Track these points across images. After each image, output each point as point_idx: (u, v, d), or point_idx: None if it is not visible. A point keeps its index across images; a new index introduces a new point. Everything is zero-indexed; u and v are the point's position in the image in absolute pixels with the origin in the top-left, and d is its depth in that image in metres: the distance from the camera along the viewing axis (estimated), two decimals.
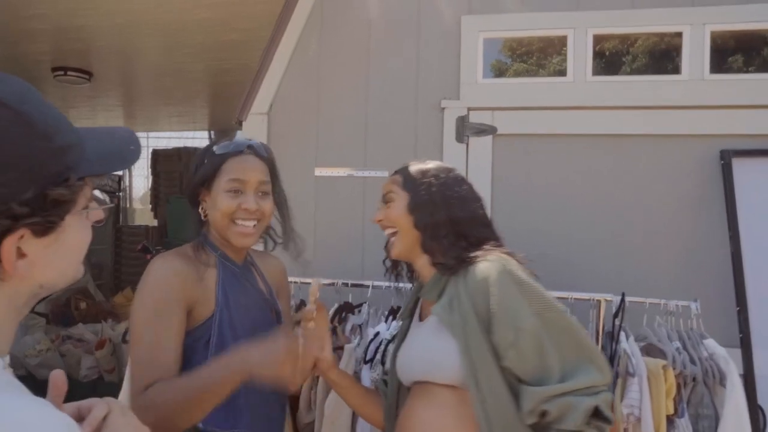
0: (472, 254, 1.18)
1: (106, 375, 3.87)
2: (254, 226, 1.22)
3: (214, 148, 1.23)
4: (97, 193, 0.68)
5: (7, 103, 0.57)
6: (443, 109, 2.37)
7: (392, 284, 1.96)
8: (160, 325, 1.08)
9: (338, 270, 2.23)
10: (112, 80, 5.04)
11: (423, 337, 1.23)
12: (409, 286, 1.99)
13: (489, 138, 2.34)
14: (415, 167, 1.30)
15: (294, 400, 1.78)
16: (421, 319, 1.30)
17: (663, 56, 2.45)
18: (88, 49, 4.21)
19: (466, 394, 1.11)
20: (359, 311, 1.97)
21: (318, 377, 1.75)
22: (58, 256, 0.63)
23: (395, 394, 1.32)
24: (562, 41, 2.37)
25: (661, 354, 1.64)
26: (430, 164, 1.31)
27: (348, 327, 1.86)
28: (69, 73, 4.42)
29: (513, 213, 2.28)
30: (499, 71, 2.96)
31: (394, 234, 1.28)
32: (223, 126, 7.20)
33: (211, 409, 1.04)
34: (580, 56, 2.29)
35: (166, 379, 1.05)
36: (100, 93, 5.30)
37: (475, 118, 2.35)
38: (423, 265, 1.26)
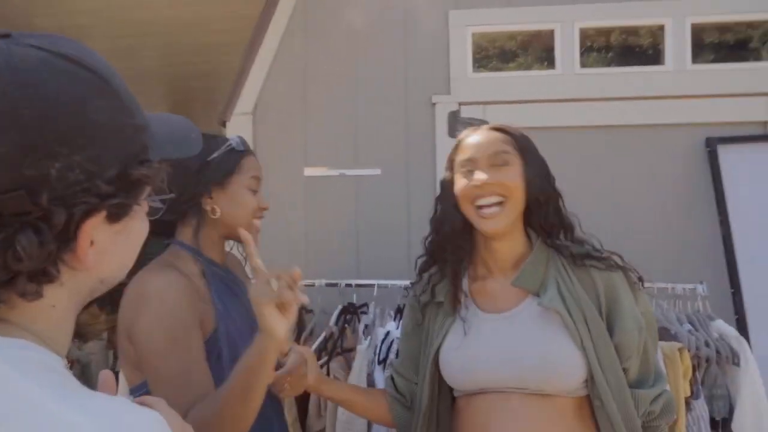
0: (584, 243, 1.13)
1: None
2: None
3: (232, 144, 1.16)
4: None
5: (97, 71, 0.51)
6: (434, 104, 2.35)
7: (399, 282, 1.92)
8: (183, 347, 1.00)
9: (332, 270, 2.17)
10: None
11: (525, 334, 1.06)
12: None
13: None
14: (513, 127, 1.14)
15: (303, 405, 1.70)
16: (481, 308, 1.13)
17: (648, 48, 2.52)
18: None
19: (569, 402, 1.03)
20: (363, 312, 1.91)
21: None
22: (124, 246, 0.57)
23: (433, 402, 1.15)
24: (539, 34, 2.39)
25: (672, 337, 1.66)
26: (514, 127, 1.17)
27: (361, 327, 1.79)
28: None
29: None
30: (476, 66, 2.98)
31: (499, 204, 1.08)
32: None
33: (256, 409, 0.93)
34: (567, 49, 2.31)
35: (202, 399, 0.96)
36: None
37: (466, 112, 2.33)
38: (510, 245, 1.11)
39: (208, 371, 1.00)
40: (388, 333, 1.70)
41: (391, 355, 1.64)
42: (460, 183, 1.12)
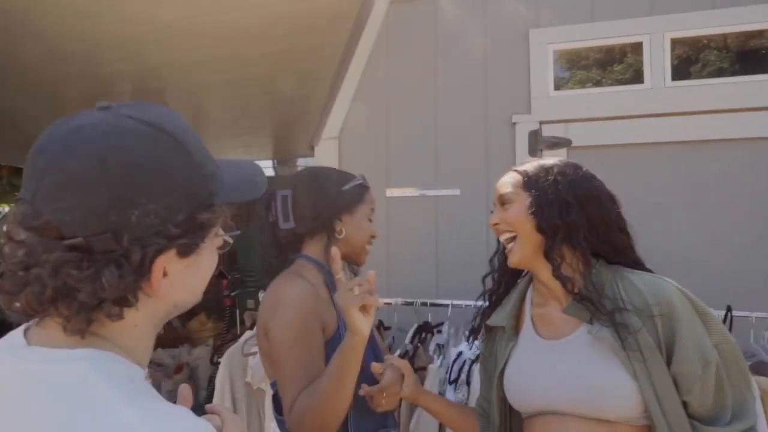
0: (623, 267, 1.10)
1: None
2: None
3: (359, 179, 1.37)
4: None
5: (169, 132, 0.62)
6: (514, 124, 2.34)
7: (474, 303, 1.94)
8: (301, 348, 1.18)
9: (412, 290, 2.22)
10: (184, 114, 5.31)
11: (575, 362, 1.07)
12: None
13: (563, 151, 2.28)
14: (535, 164, 1.18)
15: None
16: (540, 334, 1.16)
17: (747, 56, 2.33)
18: (162, 86, 4.48)
19: (630, 429, 1.02)
20: (439, 331, 1.94)
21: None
22: (193, 278, 0.66)
23: (504, 420, 1.20)
24: (624, 48, 2.30)
25: None
26: (553, 160, 1.18)
27: (432, 346, 1.83)
28: None
29: None
30: (558, 84, 2.91)
31: (512, 239, 1.15)
32: (286, 155, 7.44)
33: (350, 395, 1.11)
34: (657, 62, 2.20)
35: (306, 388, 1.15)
36: None
37: (547, 131, 2.30)
38: (548, 274, 1.13)
39: (322, 366, 1.18)
40: (460, 353, 1.72)
41: (463, 376, 1.66)
42: None
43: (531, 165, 1.18)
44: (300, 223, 1.31)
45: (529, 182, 1.14)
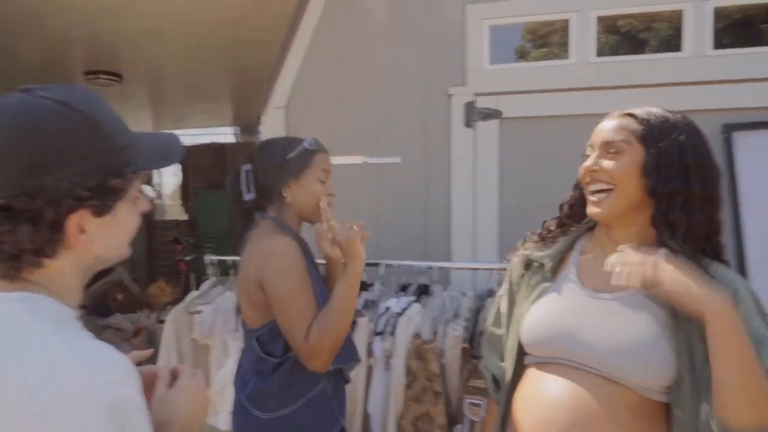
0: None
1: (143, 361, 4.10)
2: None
3: (305, 145, 1.46)
4: (145, 187, 0.84)
5: (80, 110, 0.71)
6: (450, 96, 2.47)
7: (406, 262, 2.10)
8: (303, 289, 1.34)
9: None
10: (141, 81, 5.27)
11: (620, 319, 1.00)
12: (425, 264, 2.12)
13: (495, 122, 2.42)
14: (658, 115, 1.02)
15: None
16: (582, 283, 1.08)
17: (668, 34, 2.49)
18: (117, 53, 4.43)
19: (643, 401, 0.97)
20: (371, 288, 2.09)
21: None
22: (111, 235, 0.77)
23: (518, 363, 1.16)
24: (550, 30, 2.43)
25: None
26: (675, 115, 1.04)
27: (361, 302, 1.98)
28: (100, 76, 4.65)
29: (520, 194, 2.37)
30: (522, 54, 3.04)
31: (605, 191, 1.03)
32: (248, 121, 7.42)
33: (353, 312, 1.34)
34: (582, 38, 2.35)
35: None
36: (130, 94, 5.54)
37: (481, 103, 2.44)
38: (626, 234, 1.04)
39: (317, 304, 1.35)
40: (387, 308, 1.88)
41: (389, 328, 1.82)
42: (582, 165, 1.12)
43: (653, 115, 1.03)
44: (258, 193, 1.45)
45: (651, 136, 1.00)
